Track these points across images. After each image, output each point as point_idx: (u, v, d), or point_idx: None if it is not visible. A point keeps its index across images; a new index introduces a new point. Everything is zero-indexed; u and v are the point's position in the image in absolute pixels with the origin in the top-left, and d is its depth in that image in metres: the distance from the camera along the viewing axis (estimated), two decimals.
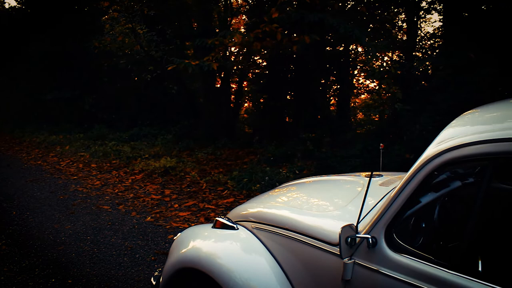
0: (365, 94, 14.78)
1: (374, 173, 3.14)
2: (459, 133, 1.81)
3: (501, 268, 2.42)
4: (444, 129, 1.99)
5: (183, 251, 2.83)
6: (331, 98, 14.46)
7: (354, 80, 14.60)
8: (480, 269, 2.16)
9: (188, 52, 15.40)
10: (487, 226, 2.69)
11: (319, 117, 11.40)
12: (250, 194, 7.08)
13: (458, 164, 1.80)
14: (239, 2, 15.98)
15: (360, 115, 15.14)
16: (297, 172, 7.87)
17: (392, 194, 1.94)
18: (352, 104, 15.25)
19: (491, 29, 7.24)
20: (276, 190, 3.56)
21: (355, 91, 14.87)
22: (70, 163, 10.46)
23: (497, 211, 2.84)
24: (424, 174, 1.83)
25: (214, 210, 6.55)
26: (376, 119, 11.45)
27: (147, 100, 15.26)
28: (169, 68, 8.65)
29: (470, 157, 1.71)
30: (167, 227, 5.87)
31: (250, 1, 13.98)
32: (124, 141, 12.75)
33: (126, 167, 9.67)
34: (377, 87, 12.21)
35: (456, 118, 2.15)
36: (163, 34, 13.33)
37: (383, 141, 7.55)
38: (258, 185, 7.30)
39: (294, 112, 13.18)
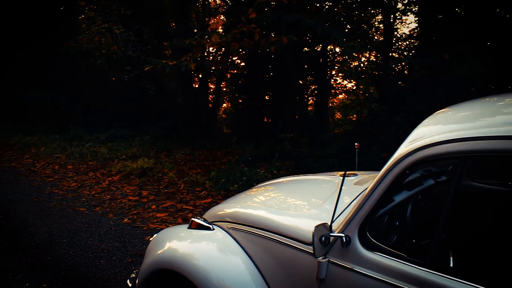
0: (343, 94, 14.88)
1: (349, 172, 3.17)
2: (431, 132, 1.84)
3: (472, 264, 2.47)
4: (416, 128, 2.02)
5: (159, 252, 2.81)
6: (309, 98, 14.52)
7: (332, 80, 14.69)
8: (451, 265, 2.19)
9: (166, 52, 15.30)
10: (459, 223, 2.73)
11: (297, 117, 11.44)
12: (228, 194, 7.07)
13: (429, 162, 1.82)
14: (217, 2, 15.95)
15: (338, 115, 15.24)
16: (275, 172, 7.89)
17: (365, 193, 1.96)
18: (330, 104, 15.35)
19: (466, 31, 7.37)
20: (254, 189, 3.57)
21: (333, 91, 14.96)
22: (46, 164, 10.29)
23: (468, 209, 2.89)
24: (396, 172, 1.85)
25: (192, 211, 6.53)
26: (354, 119, 11.54)
27: (125, 100, 15.10)
28: (146, 69, 8.57)
29: (441, 155, 1.74)
30: (145, 228, 5.82)
31: (228, 1, 13.95)
32: (101, 142, 12.59)
33: (103, 169, 9.56)
34: (354, 88, 12.31)
35: (428, 117, 2.18)
36: (141, 34, 13.21)
37: (360, 141, 7.62)
38: (236, 185, 7.30)
39: (272, 113, 13.21)
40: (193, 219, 2.98)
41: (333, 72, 14.33)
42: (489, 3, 7.09)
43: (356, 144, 3.08)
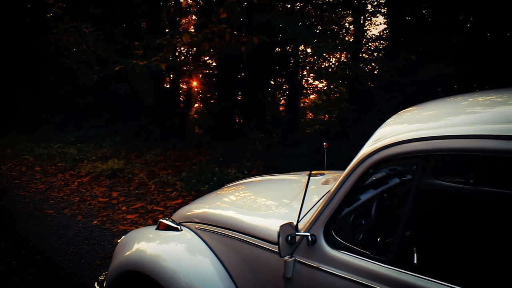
0: (314, 94, 14.98)
1: (316, 172, 3.20)
2: (394, 131, 1.86)
3: (435, 261, 2.52)
4: (380, 127, 2.04)
5: (126, 254, 2.79)
6: (281, 98, 14.58)
7: (304, 80, 14.77)
8: (415, 261, 2.24)
9: (137, 52, 15.14)
10: (423, 221, 2.79)
11: (268, 117, 11.48)
12: (199, 195, 7.04)
13: (392, 161, 1.85)
14: (189, 2, 15.86)
15: (309, 115, 15.32)
16: (246, 172, 7.89)
17: (330, 192, 1.98)
18: (302, 105, 15.43)
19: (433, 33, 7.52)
20: (223, 189, 3.57)
21: (304, 91, 15.05)
22: (12, 166, 10.06)
23: (433, 206, 2.95)
24: (360, 172, 1.87)
25: (162, 212, 6.48)
26: (326, 119, 11.64)
27: (95, 101, 14.87)
28: (116, 68, 8.46)
29: (403, 154, 1.76)
30: (114, 230, 5.75)
31: (200, 1, 13.89)
32: (70, 143, 12.37)
33: (72, 170, 9.41)
34: (325, 88, 12.43)
35: (392, 117, 2.22)
36: (111, 33, 13.05)
37: (331, 140, 7.71)
38: (207, 186, 7.27)
39: (244, 113, 13.21)
40: (161, 220, 2.97)
41: (305, 73, 14.41)
42: (452, 6, 7.26)
43: (324, 144, 3.11)
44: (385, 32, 12.02)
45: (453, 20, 7.07)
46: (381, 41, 12.44)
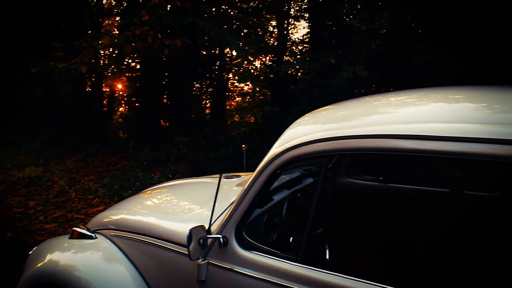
0: (240, 97, 15.07)
1: (232, 174, 3.23)
2: (302, 132, 1.90)
3: (348, 257, 2.62)
4: (290, 127, 2.09)
5: (38, 265, 2.67)
6: (207, 101, 14.54)
7: (230, 83, 14.81)
8: (327, 258, 2.31)
9: (58, 54, 14.50)
10: (336, 218, 2.89)
11: (193, 120, 11.42)
12: (122, 201, 6.87)
13: (298, 162, 1.89)
14: (112, 3, 15.42)
15: (236, 118, 15.39)
16: (171, 176, 7.81)
17: (240, 194, 2.00)
18: (228, 107, 15.47)
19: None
20: (142, 194, 3.51)
21: (230, 94, 15.10)
22: None
23: (346, 203, 3.07)
24: (268, 173, 1.91)
25: (83, 220, 6.25)
26: (252, 121, 11.74)
27: (10, 105, 14.06)
28: (32, 71, 8.07)
29: (310, 154, 1.81)
30: (31, 241, 5.47)
31: (123, 2, 13.56)
32: None
33: None
34: (250, 91, 12.55)
35: (307, 115, 2.25)
36: (27, 33, 12.39)
37: (255, 142, 7.81)
38: (130, 191, 7.11)
39: (169, 116, 13.06)
40: (74, 228, 2.87)
41: (230, 75, 14.46)
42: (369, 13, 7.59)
43: (243, 146, 3.14)
44: (307, 36, 12.31)
45: (370, 26, 7.38)
46: (304, 45, 12.72)
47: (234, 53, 13.32)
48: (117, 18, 15.86)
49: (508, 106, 1.61)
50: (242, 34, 11.89)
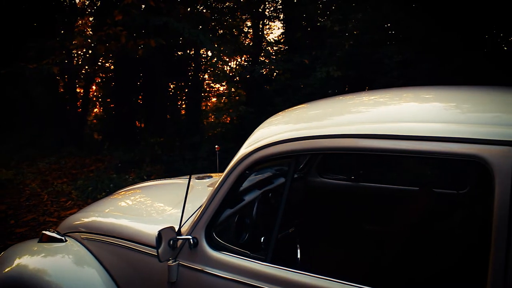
0: (215, 97, 15.04)
1: (203, 175, 3.23)
2: (272, 132, 1.91)
3: (317, 257, 2.64)
4: (256, 129, 2.09)
5: (6, 270, 2.61)
6: (182, 102, 14.47)
7: (205, 84, 14.77)
8: (298, 257, 2.33)
9: (30, 54, 14.22)
10: (306, 217, 2.91)
11: (168, 121, 11.36)
12: (93, 202, 6.78)
13: (267, 162, 1.90)
14: (85, 3, 15.21)
15: (212, 118, 15.35)
16: (145, 177, 7.75)
17: (209, 195, 2.00)
18: (204, 108, 15.42)
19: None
20: (113, 195, 3.49)
21: (206, 94, 15.05)
22: None
23: (318, 203, 3.09)
24: (237, 173, 1.91)
25: (56, 223, 6.14)
26: (227, 121, 11.73)
27: None
28: (3, 72, 7.92)
29: (279, 154, 1.82)
30: (1, 246, 5.35)
31: (96, 2, 13.40)
32: None
33: None
34: (226, 91, 12.54)
35: (280, 114, 2.25)
36: None
37: (230, 142, 7.79)
38: (104, 193, 7.03)
39: (144, 117, 12.96)
40: (43, 231, 2.83)
41: (206, 76, 14.43)
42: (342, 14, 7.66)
43: (216, 146, 3.14)
44: (282, 36, 12.36)
45: (343, 27, 7.45)
46: (279, 45, 12.76)
47: (210, 53, 13.31)
48: (91, 18, 15.67)
49: (476, 106, 1.64)
50: (217, 34, 11.87)
